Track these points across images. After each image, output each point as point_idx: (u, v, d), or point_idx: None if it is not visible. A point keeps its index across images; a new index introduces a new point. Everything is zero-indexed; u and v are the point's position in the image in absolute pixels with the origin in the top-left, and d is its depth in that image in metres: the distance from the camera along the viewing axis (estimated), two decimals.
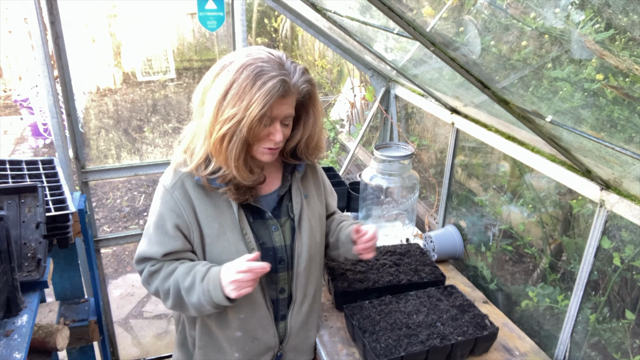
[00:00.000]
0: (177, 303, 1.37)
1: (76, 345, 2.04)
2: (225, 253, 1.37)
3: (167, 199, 1.36)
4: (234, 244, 1.37)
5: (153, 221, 1.38)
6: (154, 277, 1.38)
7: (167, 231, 1.36)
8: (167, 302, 1.39)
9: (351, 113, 3.99)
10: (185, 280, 1.34)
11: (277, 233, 1.44)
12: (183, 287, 1.34)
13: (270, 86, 1.21)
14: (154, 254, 1.37)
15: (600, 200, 1.50)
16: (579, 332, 1.66)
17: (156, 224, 1.37)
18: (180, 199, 1.35)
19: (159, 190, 1.39)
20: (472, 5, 1.34)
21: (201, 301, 1.32)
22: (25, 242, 1.56)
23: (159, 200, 1.38)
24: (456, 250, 2.22)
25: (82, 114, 2.42)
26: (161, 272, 1.38)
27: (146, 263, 1.40)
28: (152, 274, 1.39)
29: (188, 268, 1.36)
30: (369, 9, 1.70)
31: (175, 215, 1.35)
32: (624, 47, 0.98)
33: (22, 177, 1.94)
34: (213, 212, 1.37)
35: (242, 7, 2.37)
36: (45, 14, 2.11)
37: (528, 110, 1.33)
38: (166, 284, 1.36)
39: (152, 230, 1.38)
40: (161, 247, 1.36)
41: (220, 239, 1.37)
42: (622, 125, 1.17)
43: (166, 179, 1.38)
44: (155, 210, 1.37)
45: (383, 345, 1.54)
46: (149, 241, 1.38)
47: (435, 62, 1.76)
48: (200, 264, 1.36)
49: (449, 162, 2.30)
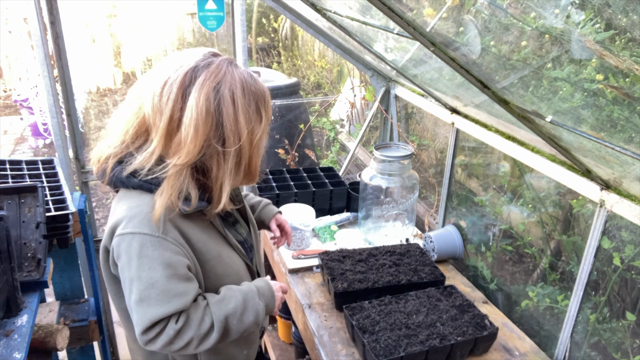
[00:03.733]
0: (222, 335, 1.27)
1: (76, 345, 2.04)
2: (229, 269, 1.36)
3: (165, 246, 1.20)
4: (231, 257, 1.38)
5: (160, 276, 1.18)
6: (185, 330, 1.22)
7: (183, 276, 1.22)
8: (206, 343, 1.26)
9: (351, 113, 3.99)
10: (234, 308, 1.28)
11: (238, 225, 1.49)
12: (233, 315, 1.28)
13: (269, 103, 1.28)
14: (178, 307, 1.20)
15: (600, 200, 1.50)
16: (579, 332, 1.66)
17: (167, 277, 1.19)
18: (177, 239, 1.22)
19: (144, 242, 1.18)
20: (472, 5, 1.34)
21: (258, 318, 1.33)
22: (25, 242, 1.56)
23: (153, 252, 1.19)
24: (456, 250, 2.22)
25: (82, 114, 2.42)
26: (191, 320, 1.23)
27: (163, 324, 1.21)
28: (180, 329, 1.21)
29: (227, 297, 1.29)
30: (369, 9, 1.70)
31: (181, 257, 1.23)
32: (624, 47, 0.98)
33: (22, 177, 1.94)
34: (205, 236, 1.31)
35: (242, 7, 2.37)
36: (45, 14, 2.11)
37: (528, 110, 1.33)
38: (204, 326, 1.24)
39: (163, 285, 1.19)
40: (185, 297, 1.21)
41: (221, 259, 1.34)
42: (622, 125, 1.17)
43: (148, 227, 1.20)
44: (156, 264, 1.19)
45: (383, 346, 1.54)
46: (162, 299, 1.19)
47: (435, 62, 1.76)
48: (234, 289, 1.32)
49: (449, 162, 2.30)
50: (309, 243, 2.28)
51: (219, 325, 1.25)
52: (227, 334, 1.29)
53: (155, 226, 1.20)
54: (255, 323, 1.33)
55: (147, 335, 1.21)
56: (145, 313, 1.19)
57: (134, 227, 1.19)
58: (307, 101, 4.18)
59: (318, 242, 2.35)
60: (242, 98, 1.20)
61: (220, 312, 1.26)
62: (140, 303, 1.19)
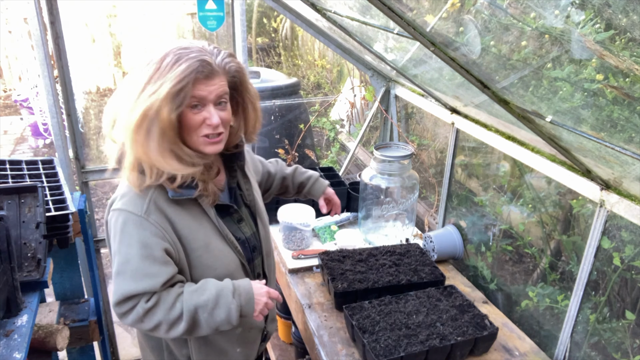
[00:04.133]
0: (190, 327, 1.29)
1: (76, 345, 2.04)
2: (217, 262, 1.36)
3: (146, 226, 1.24)
4: (222, 251, 1.37)
5: (135, 253, 1.24)
6: (153, 311, 1.26)
7: (157, 259, 1.25)
8: (175, 331, 1.28)
9: (351, 113, 3.99)
10: (205, 300, 1.28)
11: (243, 224, 1.47)
12: (204, 307, 1.28)
13: (185, 66, 1.17)
14: (148, 288, 1.24)
15: (600, 200, 1.50)
16: (579, 332, 1.66)
17: (141, 255, 1.24)
18: (159, 222, 1.26)
19: (127, 219, 1.25)
20: (472, 5, 1.34)
21: (230, 317, 1.30)
22: (25, 242, 1.56)
23: (133, 230, 1.24)
24: (456, 250, 2.22)
25: (82, 114, 2.42)
26: (161, 303, 1.26)
27: (134, 301, 1.25)
28: (149, 309, 1.25)
29: (200, 289, 1.30)
30: (369, 9, 1.70)
31: (160, 239, 1.25)
32: (624, 47, 0.98)
33: (22, 177, 1.94)
34: (194, 224, 1.32)
35: (242, 7, 2.37)
36: (45, 14, 2.11)
37: (528, 110, 1.33)
38: (173, 312, 1.26)
39: (136, 263, 1.24)
40: (156, 278, 1.24)
41: (209, 250, 1.35)
42: (622, 125, 1.17)
43: (133, 206, 1.26)
44: (133, 241, 1.24)
45: (383, 346, 1.54)
46: (134, 276, 1.24)
47: (435, 62, 1.76)
48: (211, 282, 1.32)
49: (449, 162, 2.30)
50: (309, 243, 2.28)
51: (188, 314, 1.27)
52: (196, 326, 1.29)
53: (140, 207, 1.25)
54: (227, 321, 1.30)
55: (119, 308, 1.26)
56: (119, 286, 1.25)
57: (122, 205, 1.27)
58: (307, 101, 4.18)
59: (318, 242, 2.35)
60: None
61: (192, 301, 1.27)
62: (117, 276, 1.26)
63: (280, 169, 1.86)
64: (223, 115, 1.27)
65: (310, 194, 1.87)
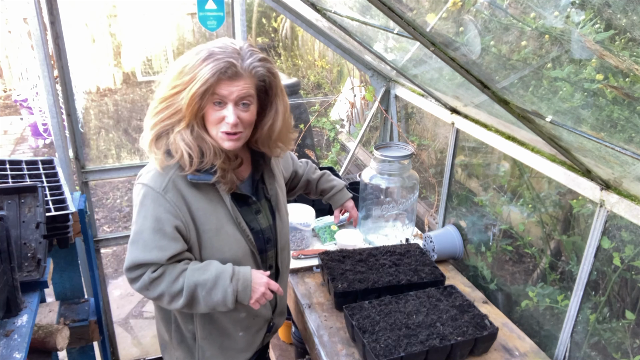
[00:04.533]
0: (189, 302, 1.37)
1: (76, 345, 2.04)
2: (226, 245, 1.44)
3: (161, 202, 1.34)
4: (232, 236, 1.44)
5: (148, 226, 1.34)
6: (158, 281, 1.36)
7: (167, 234, 1.34)
8: (176, 303, 1.38)
9: (351, 113, 3.99)
10: (205, 279, 1.36)
11: (260, 215, 1.54)
12: (203, 285, 1.36)
13: (213, 65, 1.26)
14: (155, 259, 1.34)
15: (600, 200, 1.50)
16: (579, 332, 1.66)
17: (153, 229, 1.34)
18: (175, 200, 1.35)
19: (147, 193, 1.35)
20: (472, 5, 1.34)
21: (226, 299, 1.38)
22: (25, 242, 1.56)
23: (150, 204, 1.35)
24: (456, 250, 2.22)
25: (82, 114, 2.42)
26: (166, 275, 1.36)
27: (143, 269, 1.36)
28: (154, 279, 1.36)
29: (203, 268, 1.38)
30: (369, 9, 1.70)
31: (172, 217, 1.34)
32: (624, 47, 0.98)
33: (22, 177, 1.94)
34: (208, 208, 1.40)
35: (242, 7, 2.37)
36: (45, 14, 2.11)
37: (528, 110, 1.33)
38: (176, 285, 1.36)
39: (148, 235, 1.34)
40: (164, 251, 1.34)
41: (219, 233, 1.42)
42: (622, 125, 1.17)
43: (153, 182, 1.36)
44: (149, 215, 1.34)
45: (383, 346, 1.54)
46: (145, 247, 1.34)
47: (435, 62, 1.76)
48: (214, 264, 1.40)
49: (449, 162, 2.30)
50: (309, 243, 2.28)
51: (188, 290, 1.35)
52: (195, 302, 1.38)
53: (160, 184, 1.35)
54: (223, 303, 1.38)
55: (129, 273, 1.38)
56: (131, 253, 1.36)
57: (145, 180, 1.37)
58: (307, 101, 4.18)
59: (318, 242, 2.35)
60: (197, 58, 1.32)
61: (192, 278, 1.36)
62: (131, 244, 1.37)
63: (308, 171, 1.94)
64: (243, 115, 1.34)
65: (331, 202, 1.98)
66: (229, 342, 1.56)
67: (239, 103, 1.32)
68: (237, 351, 1.59)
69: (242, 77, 1.31)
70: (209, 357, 1.56)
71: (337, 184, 1.96)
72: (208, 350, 1.55)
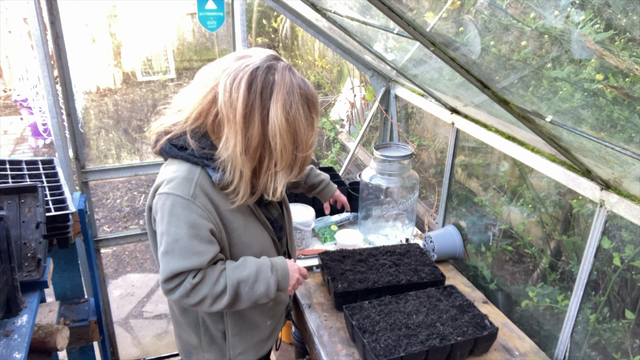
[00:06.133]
0: (233, 300, 1.40)
1: (76, 345, 2.04)
2: (254, 239, 1.49)
3: (193, 208, 1.34)
4: (257, 229, 1.50)
5: (184, 234, 1.33)
6: (200, 286, 1.36)
7: (204, 239, 1.35)
8: (219, 304, 1.39)
9: (351, 113, 3.99)
10: (247, 275, 1.40)
11: (271, 206, 1.60)
12: (245, 282, 1.40)
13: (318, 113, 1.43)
14: (195, 264, 1.34)
15: (600, 200, 1.50)
16: (579, 332, 1.66)
17: (190, 235, 1.33)
18: (205, 205, 1.36)
19: (175, 202, 1.34)
20: (472, 5, 1.34)
21: (269, 290, 1.43)
22: (25, 242, 1.56)
23: (182, 212, 1.34)
24: (456, 250, 2.22)
25: (82, 114, 2.42)
26: (206, 278, 1.37)
27: (182, 277, 1.35)
28: (196, 284, 1.36)
29: (241, 265, 1.42)
30: (369, 9, 1.70)
31: (206, 221, 1.35)
32: (623, 47, 0.98)
33: (22, 177, 1.94)
34: (235, 208, 1.42)
35: (242, 7, 2.37)
36: (45, 14, 2.11)
37: (528, 110, 1.33)
38: (218, 286, 1.37)
39: (185, 242, 1.33)
40: (203, 256, 1.35)
41: (247, 229, 1.47)
42: (622, 125, 1.17)
43: (180, 190, 1.35)
44: (182, 223, 1.33)
45: (383, 346, 1.54)
46: (183, 255, 1.33)
47: (435, 62, 1.76)
48: (250, 259, 1.44)
49: (449, 162, 2.30)
50: (309, 243, 2.28)
51: (232, 288, 1.38)
52: (238, 299, 1.41)
53: (187, 190, 1.35)
54: (266, 295, 1.43)
55: (167, 284, 1.36)
56: (168, 264, 1.34)
57: (169, 189, 1.35)
58: None
59: (318, 242, 2.35)
60: (306, 109, 1.38)
61: (234, 276, 1.39)
62: (165, 255, 1.34)
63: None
64: None
65: (320, 196, 2.05)
66: (259, 334, 1.62)
67: None
68: (264, 341, 1.64)
69: None
70: (240, 352, 1.59)
71: (325, 177, 2.03)
72: (239, 346, 1.59)
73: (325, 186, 2.02)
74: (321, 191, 2.02)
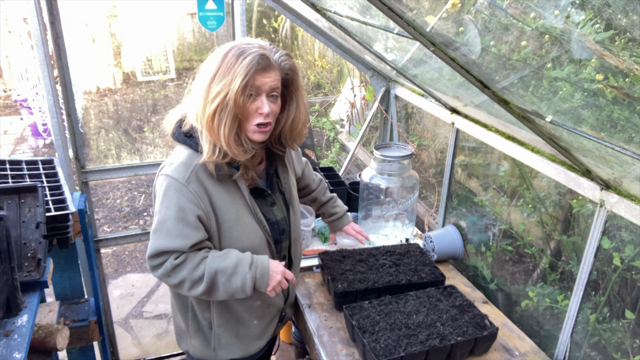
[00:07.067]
0: (209, 288, 1.43)
1: (76, 345, 2.04)
2: (244, 235, 1.50)
3: (184, 192, 1.39)
4: (250, 225, 1.51)
5: (172, 215, 1.39)
6: (180, 268, 1.41)
7: (190, 223, 1.39)
8: (196, 289, 1.43)
9: (351, 113, 3.99)
10: (225, 266, 1.42)
11: (275, 207, 1.61)
12: (223, 272, 1.42)
13: (250, 59, 1.32)
14: (178, 246, 1.39)
15: (600, 200, 1.50)
16: (579, 332, 1.66)
17: (177, 218, 1.39)
18: (197, 191, 1.40)
19: (170, 184, 1.40)
20: (472, 5, 1.34)
21: (244, 285, 1.44)
22: (25, 242, 1.56)
23: (173, 194, 1.39)
24: (456, 250, 2.22)
25: (82, 114, 2.42)
26: (187, 262, 1.41)
27: (165, 256, 1.41)
28: (176, 266, 1.41)
29: (223, 256, 1.44)
30: (369, 9, 1.70)
31: (195, 207, 1.40)
32: (624, 47, 0.98)
33: (22, 177, 1.94)
34: (228, 199, 1.46)
35: (242, 7, 2.37)
36: (45, 14, 2.11)
37: (528, 110, 1.33)
38: (197, 272, 1.41)
39: (171, 223, 1.39)
40: (186, 240, 1.39)
41: (238, 223, 1.48)
42: (622, 125, 1.17)
43: (177, 173, 1.40)
44: (172, 204, 1.39)
45: (383, 346, 1.54)
46: (169, 235, 1.39)
47: (435, 62, 1.76)
48: (233, 252, 1.46)
49: (449, 162, 2.30)
50: (309, 243, 2.28)
51: (209, 276, 1.41)
52: (215, 288, 1.44)
53: (183, 175, 1.40)
54: (242, 290, 1.44)
55: (152, 261, 1.42)
56: (154, 241, 1.41)
57: (169, 171, 1.42)
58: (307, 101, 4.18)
59: (318, 242, 2.35)
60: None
61: (214, 265, 1.42)
62: (154, 232, 1.42)
63: (319, 191, 2.00)
64: (273, 107, 1.41)
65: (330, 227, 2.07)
66: (244, 330, 1.63)
67: (269, 94, 1.39)
68: (252, 339, 1.65)
69: (274, 69, 1.37)
70: (225, 344, 1.62)
71: (340, 211, 2.03)
72: (224, 337, 1.61)
73: (336, 219, 2.02)
74: (331, 223, 2.03)
